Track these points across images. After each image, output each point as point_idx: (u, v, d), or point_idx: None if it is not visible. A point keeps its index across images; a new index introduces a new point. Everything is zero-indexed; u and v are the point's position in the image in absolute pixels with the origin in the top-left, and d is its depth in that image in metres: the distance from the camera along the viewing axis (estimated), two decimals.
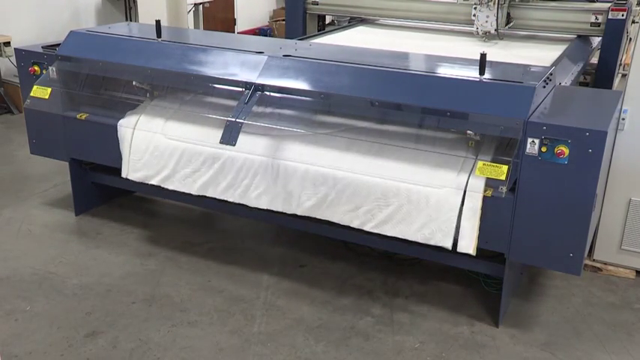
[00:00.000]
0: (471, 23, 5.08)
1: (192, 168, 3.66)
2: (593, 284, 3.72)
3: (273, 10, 10.66)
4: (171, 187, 3.75)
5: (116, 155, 3.89)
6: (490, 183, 3.01)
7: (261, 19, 10.51)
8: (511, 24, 5.07)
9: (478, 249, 3.12)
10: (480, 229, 3.05)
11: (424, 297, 3.53)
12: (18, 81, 4.59)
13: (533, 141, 2.88)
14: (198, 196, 3.68)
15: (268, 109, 3.58)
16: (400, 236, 3.22)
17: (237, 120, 3.41)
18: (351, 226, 3.33)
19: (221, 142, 3.42)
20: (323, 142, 3.39)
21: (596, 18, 4.82)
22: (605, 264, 3.83)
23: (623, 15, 4.68)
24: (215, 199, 3.66)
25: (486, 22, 4.98)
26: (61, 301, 3.43)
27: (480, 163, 3.04)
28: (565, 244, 2.96)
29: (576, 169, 2.84)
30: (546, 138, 2.86)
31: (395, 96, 3.23)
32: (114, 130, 3.88)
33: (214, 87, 3.68)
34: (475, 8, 4.99)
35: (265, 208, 3.51)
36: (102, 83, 4.12)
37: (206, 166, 3.62)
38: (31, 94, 4.01)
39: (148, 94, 3.98)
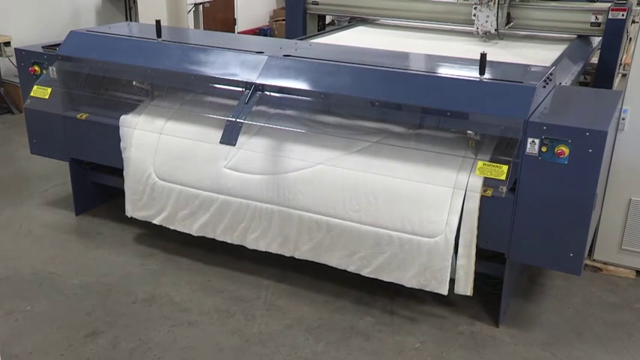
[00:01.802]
0: (471, 23, 5.08)
1: (190, 210, 3.71)
2: (593, 284, 3.72)
3: (273, 10, 10.66)
4: (172, 227, 3.81)
5: (116, 155, 3.89)
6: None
7: (262, 19, 10.50)
8: (511, 24, 5.07)
9: (478, 249, 3.13)
10: (479, 230, 3.05)
11: (424, 297, 3.52)
12: (18, 81, 4.59)
13: (533, 141, 2.89)
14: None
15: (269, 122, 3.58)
16: (396, 282, 3.28)
17: (238, 120, 3.41)
18: (348, 270, 3.39)
19: (221, 142, 3.42)
20: (317, 181, 3.35)
21: (597, 18, 4.83)
22: (606, 264, 3.83)
23: (623, 15, 4.68)
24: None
25: (486, 22, 4.98)
26: (62, 301, 3.44)
27: (480, 164, 3.04)
28: (565, 244, 2.96)
29: (576, 169, 2.84)
30: (546, 138, 2.86)
31: (395, 96, 3.23)
32: (114, 130, 3.87)
33: (214, 87, 3.68)
34: (475, 8, 4.99)
35: (264, 250, 3.57)
36: (102, 83, 4.12)
37: (203, 209, 3.66)
38: (31, 94, 4.01)
39: (147, 94, 3.98)
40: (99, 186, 4.38)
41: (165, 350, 3.07)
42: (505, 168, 2.95)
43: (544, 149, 2.87)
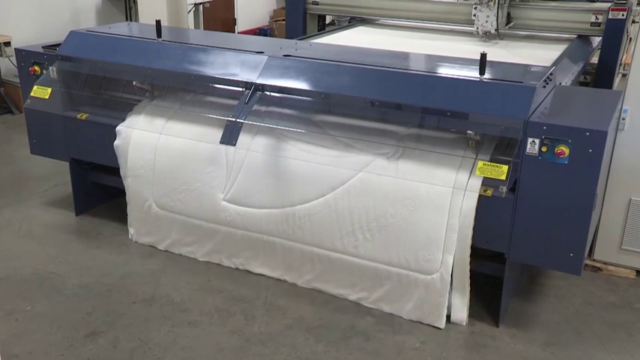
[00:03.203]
0: (471, 23, 5.08)
1: (194, 239, 3.77)
2: (593, 284, 3.72)
3: (274, 10, 10.66)
4: (177, 252, 3.85)
5: (116, 155, 3.89)
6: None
7: (262, 19, 10.51)
8: (511, 24, 5.07)
9: (478, 249, 3.13)
10: (479, 231, 3.05)
11: None
12: (18, 81, 4.59)
13: (533, 141, 2.89)
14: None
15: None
16: (396, 314, 3.34)
17: (238, 120, 3.41)
18: (349, 299, 3.44)
19: (221, 142, 3.43)
20: (315, 216, 3.36)
21: (597, 18, 4.83)
22: (606, 264, 3.83)
23: (623, 15, 4.68)
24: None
25: (486, 21, 4.98)
26: (62, 301, 3.44)
27: (480, 164, 3.04)
28: (565, 244, 2.96)
29: (576, 169, 2.84)
30: (546, 138, 2.86)
31: (395, 96, 3.23)
32: (114, 130, 3.88)
33: (214, 87, 3.68)
34: (475, 8, 4.99)
35: (268, 275, 3.64)
36: (102, 83, 4.12)
37: (206, 237, 3.72)
38: (32, 94, 4.01)
39: (147, 94, 3.98)
40: (99, 186, 4.38)
41: (165, 350, 3.07)
42: (505, 168, 2.95)
43: (544, 149, 2.87)
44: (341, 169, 3.32)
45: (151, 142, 3.77)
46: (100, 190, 4.44)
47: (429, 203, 3.12)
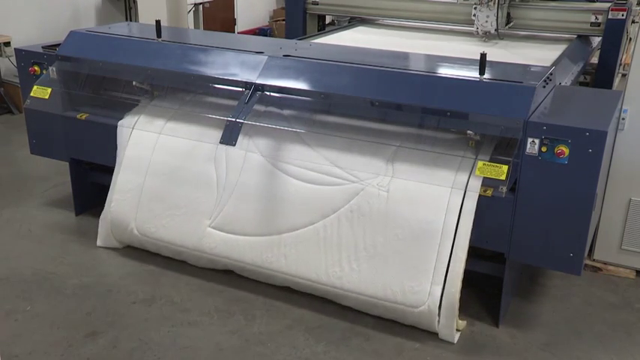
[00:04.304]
0: (471, 23, 5.08)
1: (182, 258, 3.73)
2: (593, 284, 3.72)
3: (273, 10, 10.66)
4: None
5: (116, 155, 3.89)
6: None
7: (261, 19, 10.51)
8: (511, 24, 5.08)
9: (479, 249, 3.13)
10: (479, 231, 3.05)
11: None
12: (18, 81, 4.59)
13: (533, 141, 2.89)
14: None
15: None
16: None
17: (238, 120, 3.41)
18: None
19: (221, 142, 3.43)
20: (300, 244, 3.32)
21: (596, 18, 4.83)
22: (606, 264, 3.83)
23: (623, 15, 4.68)
24: None
25: (486, 22, 4.98)
26: (62, 301, 3.43)
27: (479, 164, 3.04)
28: (565, 244, 2.96)
29: (576, 169, 2.84)
30: (546, 138, 2.86)
31: (395, 96, 3.23)
32: (114, 130, 3.88)
33: (214, 87, 3.68)
34: (475, 8, 5.00)
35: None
36: (102, 83, 4.12)
37: (192, 260, 3.69)
38: (31, 94, 4.01)
39: (147, 94, 3.98)
40: (99, 186, 4.37)
41: (165, 350, 3.07)
42: (505, 168, 2.95)
43: (544, 149, 2.87)
44: (334, 196, 3.26)
45: (142, 164, 3.73)
46: (100, 190, 4.42)
47: (419, 232, 3.08)
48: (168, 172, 3.66)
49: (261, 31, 10.05)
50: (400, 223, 3.13)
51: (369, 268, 3.17)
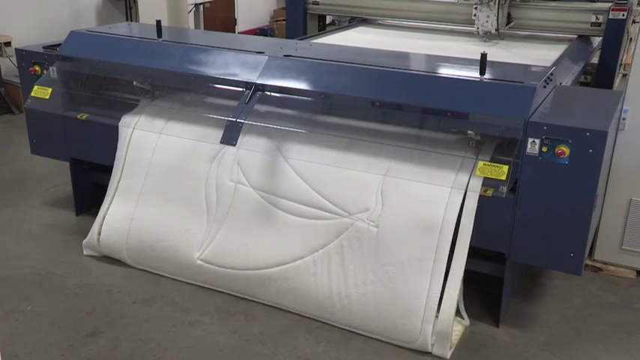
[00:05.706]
0: (471, 23, 5.08)
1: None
2: (593, 284, 3.72)
3: (274, 10, 10.66)
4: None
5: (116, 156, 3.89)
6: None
7: (262, 19, 10.50)
8: (512, 24, 5.07)
9: (479, 249, 3.13)
10: (479, 231, 3.05)
11: None
12: (19, 81, 4.60)
13: (533, 141, 2.88)
14: None
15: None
16: None
17: (238, 120, 3.41)
18: None
19: (221, 142, 3.42)
20: (290, 279, 3.28)
21: (597, 18, 4.82)
22: (606, 264, 3.83)
23: (623, 15, 4.68)
24: None
25: (487, 21, 4.98)
26: (62, 301, 3.43)
27: (480, 164, 3.04)
28: (566, 244, 2.96)
29: (577, 169, 2.84)
30: (547, 138, 2.86)
31: (395, 96, 3.23)
32: (114, 130, 3.88)
33: (215, 87, 3.68)
34: (476, 8, 4.99)
35: None
36: (102, 83, 4.12)
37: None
38: (32, 94, 4.01)
39: (148, 94, 3.98)
40: (99, 186, 4.37)
41: (165, 350, 3.07)
42: (505, 168, 2.94)
43: (544, 149, 2.87)
44: (324, 230, 3.23)
45: (129, 208, 3.73)
46: (100, 190, 4.42)
47: (410, 269, 3.06)
48: (158, 219, 3.63)
49: (261, 31, 10.05)
50: (390, 260, 3.11)
51: (360, 305, 3.15)
